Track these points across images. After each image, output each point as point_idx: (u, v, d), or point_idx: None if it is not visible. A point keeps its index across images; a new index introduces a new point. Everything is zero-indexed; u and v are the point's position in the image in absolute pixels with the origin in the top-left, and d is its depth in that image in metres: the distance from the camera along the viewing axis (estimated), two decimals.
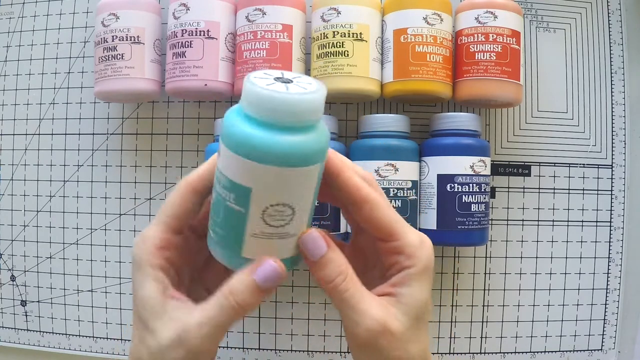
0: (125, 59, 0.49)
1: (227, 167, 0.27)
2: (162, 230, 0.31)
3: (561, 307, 0.55)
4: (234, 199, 0.28)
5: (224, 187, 0.28)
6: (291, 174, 0.27)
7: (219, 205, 0.29)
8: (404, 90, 0.48)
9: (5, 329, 0.57)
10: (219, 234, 0.30)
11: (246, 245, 0.29)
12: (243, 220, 0.28)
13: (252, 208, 0.27)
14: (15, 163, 0.57)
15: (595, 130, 0.55)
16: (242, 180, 0.27)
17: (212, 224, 0.30)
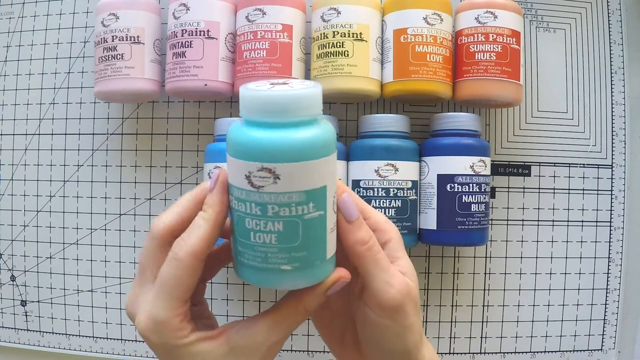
0: (125, 59, 0.49)
1: (298, 182, 0.26)
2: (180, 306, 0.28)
3: (561, 307, 0.55)
4: (314, 207, 0.27)
5: (297, 205, 0.26)
6: (335, 156, 0.28)
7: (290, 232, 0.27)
8: (404, 90, 0.48)
9: (5, 329, 0.57)
10: (301, 258, 0.27)
11: (328, 245, 0.29)
12: (324, 223, 0.28)
13: (328, 205, 0.28)
14: (15, 163, 0.57)
15: (595, 130, 0.55)
16: (317, 182, 0.27)
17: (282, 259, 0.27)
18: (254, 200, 0.26)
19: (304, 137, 0.26)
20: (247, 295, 0.55)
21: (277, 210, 0.26)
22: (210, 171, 0.49)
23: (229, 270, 0.55)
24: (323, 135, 0.27)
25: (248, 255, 0.28)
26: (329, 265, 0.29)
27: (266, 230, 0.27)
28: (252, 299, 0.55)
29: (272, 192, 0.26)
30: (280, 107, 0.26)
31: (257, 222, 0.27)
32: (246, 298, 0.55)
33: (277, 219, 0.26)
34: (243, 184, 0.26)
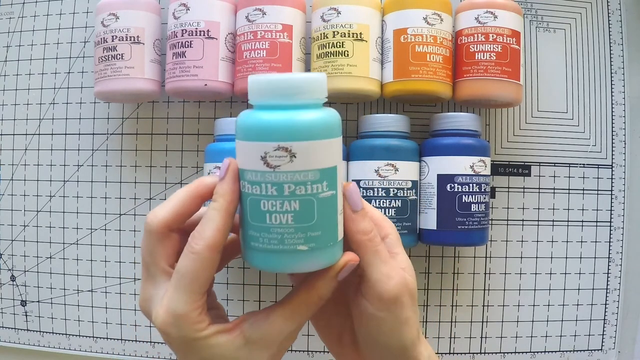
0: (125, 59, 0.49)
1: (313, 160, 0.27)
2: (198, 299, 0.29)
3: (561, 307, 0.55)
4: (327, 186, 0.28)
5: (312, 183, 0.27)
6: (341, 140, 0.30)
7: (306, 211, 0.28)
8: (404, 90, 0.48)
9: (5, 329, 0.57)
10: (316, 238, 0.28)
11: (339, 227, 0.30)
12: (335, 202, 0.29)
13: (338, 186, 0.29)
14: (15, 163, 0.57)
15: (595, 130, 0.55)
16: (329, 161, 0.28)
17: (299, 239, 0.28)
18: (270, 181, 0.27)
19: (316, 117, 0.28)
20: (247, 295, 0.55)
21: (293, 189, 0.27)
22: (210, 171, 0.49)
23: (228, 270, 0.55)
24: (332, 117, 0.29)
25: (263, 239, 0.28)
26: (339, 248, 0.30)
27: (282, 210, 0.27)
28: (252, 299, 0.55)
29: (288, 170, 0.27)
30: (292, 89, 0.27)
31: (273, 202, 0.27)
32: (246, 298, 0.55)
33: (294, 198, 0.27)
34: (258, 166, 0.27)
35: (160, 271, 0.30)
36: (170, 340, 0.29)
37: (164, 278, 0.30)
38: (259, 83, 0.28)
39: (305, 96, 0.28)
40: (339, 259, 0.30)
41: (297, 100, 0.28)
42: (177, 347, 0.30)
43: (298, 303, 0.30)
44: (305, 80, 0.28)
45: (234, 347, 0.29)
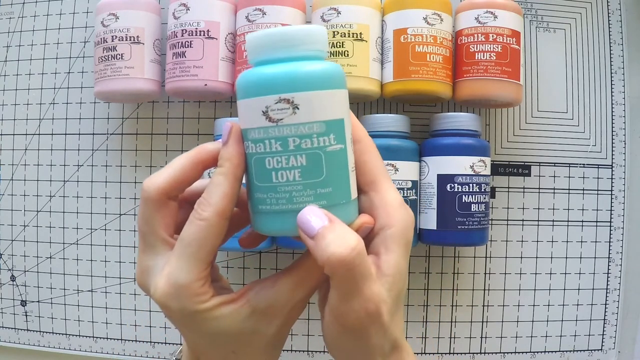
0: (125, 59, 0.49)
1: (317, 111, 0.26)
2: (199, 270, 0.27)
3: (561, 307, 0.55)
4: (335, 139, 0.27)
5: (318, 135, 0.26)
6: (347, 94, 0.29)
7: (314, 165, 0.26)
8: (404, 90, 0.48)
9: (5, 329, 0.57)
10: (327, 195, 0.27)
11: (351, 184, 0.28)
12: (345, 157, 0.27)
13: (347, 140, 0.28)
14: (15, 163, 0.57)
15: (595, 130, 0.55)
16: (335, 113, 0.27)
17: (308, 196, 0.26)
18: (274, 136, 0.26)
19: (317, 67, 0.27)
20: None
21: (298, 142, 0.26)
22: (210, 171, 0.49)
23: (228, 270, 0.55)
24: (334, 69, 0.28)
25: (270, 200, 0.27)
26: (352, 207, 0.28)
27: (289, 166, 0.26)
28: None
29: (291, 123, 0.26)
30: (291, 41, 0.27)
31: (278, 159, 0.26)
32: None
33: (300, 152, 0.26)
34: (260, 122, 0.26)
35: (159, 240, 0.29)
36: (171, 314, 0.27)
37: (164, 248, 0.29)
38: (257, 39, 0.27)
39: (305, 47, 0.27)
40: (354, 219, 0.28)
41: (297, 52, 0.27)
42: (179, 321, 0.28)
43: (307, 268, 0.28)
44: (304, 31, 0.27)
45: (240, 318, 0.27)
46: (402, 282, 0.28)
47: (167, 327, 0.55)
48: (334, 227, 0.26)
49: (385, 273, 0.27)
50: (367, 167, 0.29)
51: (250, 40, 0.27)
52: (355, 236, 0.26)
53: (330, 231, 0.25)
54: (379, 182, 0.29)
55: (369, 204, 0.29)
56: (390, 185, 0.29)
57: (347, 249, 0.25)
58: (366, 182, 0.29)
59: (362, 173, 0.29)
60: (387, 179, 0.29)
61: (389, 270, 0.27)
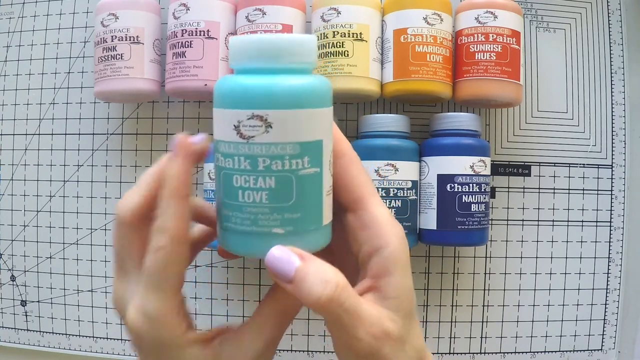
0: (125, 59, 0.49)
1: (292, 132, 0.24)
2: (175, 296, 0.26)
3: (561, 307, 0.55)
4: (309, 162, 0.25)
5: (291, 158, 0.24)
6: (332, 113, 0.26)
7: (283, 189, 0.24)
8: (404, 90, 0.48)
9: (5, 329, 0.57)
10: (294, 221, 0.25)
11: (324, 209, 0.26)
12: (319, 182, 0.25)
13: (324, 163, 0.26)
14: (15, 163, 0.57)
15: (595, 130, 0.55)
16: (312, 135, 0.25)
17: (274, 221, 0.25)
18: (243, 154, 0.24)
19: (298, 83, 0.25)
20: (247, 295, 0.55)
21: (268, 163, 0.24)
22: (210, 171, 0.49)
23: (228, 270, 0.55)
24: (318, 85, 0.25)
25: (235, 219, 0.25)
26: (324, 233, 0.26)
27: (256, 187, 0.24)
28: (252, 299, 0.55)
29: (263, 142, 0.24)
30: (273, 51, 0.25)
31: (246, 178, 0.24)
32: (246, 298, 0.55)
33: (269, 174, 0.24)
34: (231, 136, 0.24)
35: (133, 266, 0.27)
36: (142, 344, 0.26)
37: (138, 273, 0.27)
38: (240, 43, 0.25)
39: (289, 59, 0.25)
40: (325, 244, 0.27)
41: (279, 64, 0.25)
42: (147, 353, 0.26)
43: (265, 316, 0.27)
44: (288, 41, 0.25)
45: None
46: (409, 299, 0.27)
47: None
48: (309, 266, 0.24)
49: (389, 295, 0.26)
50: (353, 183, 0.28)
51: (233, 44, 0.25)
52: (332, 270, 0.25)
53: (307, 272, 0.24)
54: (366, 199, 0.27)
55: (359, 222, 0.27)
56: (378, 201, 0.28)
57: (332, 287, 0.24)
58: (353, 200, 0.28)
59: (348, 190, 0.28)
60: (374, 194, 0.28)
61: (393, 292, 0.26)
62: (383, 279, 0.26)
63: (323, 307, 0.24)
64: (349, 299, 0.25)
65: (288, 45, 0.25)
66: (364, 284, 0.27)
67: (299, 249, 0.25)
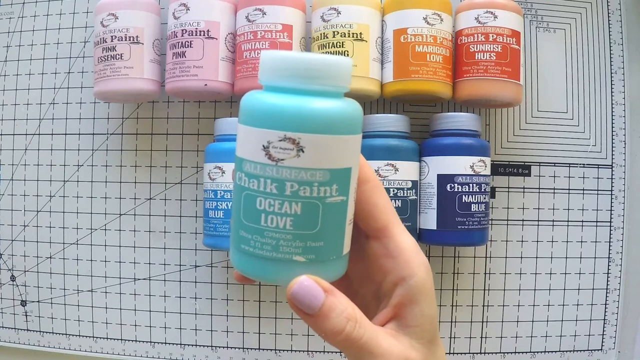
0: (124, 59, 0.49)
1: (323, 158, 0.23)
2: None
3: (561, 307, 0.55)
4: (337, 190, 0.24)
5: (320, 185, 0.23)
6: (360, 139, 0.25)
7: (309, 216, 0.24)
8: (404, 90, 0.48)
9: (5, 329, 0.57)
10: (316, 249, 0.24)
11: (345, 239, 0.25)
12: (344, 210, 0.25)
13: (350, 191, 0.25)
14: (15, 163, 0.57)
15: (595, 130, 0.55)
16: (343, 162, 0.24)
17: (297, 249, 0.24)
18: (271, 176, 0.23)
19: (335, 107, 0.24)
20: (247, 295, 0.55)
21: (296, 189, 0.23)
22: (210, 171, 0.49)
23: (228, 270, 0.55)
24: (353, 110, 0.24)
25: (254, 243, 0.24)
26: (342, 263, 0.26)
27: (281, 212, 0.24)
28: (252, 299, 0.55)
29: (293, 166, 0.23)
30: (310, 72, 0.24)
31: (271, 202, 0.24)
32: (246, 298, 0.55)
33: (296, 200, 0.23)
34: (259, 157, 0.23)
35: None
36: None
37: None
38: (272, 60, 0.24)
39: (325, 82, 0.24)
40: (341, 274, 0.26)
41: (314, 86, 0.24)
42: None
43: None
44: (325, 62, 0.24)
45: None
46: (432, 326, 0.27)
47: (167, 327, 0.55)
48: (334, 301, 0.25)
49: (411, 324, 0.26)
50: (377, 210, 0.27)
51: (265, 59, 0.24)
52: (351, 306, 0.25)
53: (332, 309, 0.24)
54: (391, 227, 0.27)
55: (383, 251, 0.27)
56: (402, 229, 0.27)
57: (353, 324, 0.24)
58: (378, 228, 0.27)
59: (373, 217, 0.27)
60: (398, 222, 0.27)
61: (416, 321, 0.26)
62: (407, 308, 0.26)
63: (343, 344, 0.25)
64: (367, 332, 0.25)
65: (324, 66, 0.24)
66: (386, 313, 0.27)
67: (324, 281, 0.25)
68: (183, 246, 0.55)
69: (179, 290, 0.55)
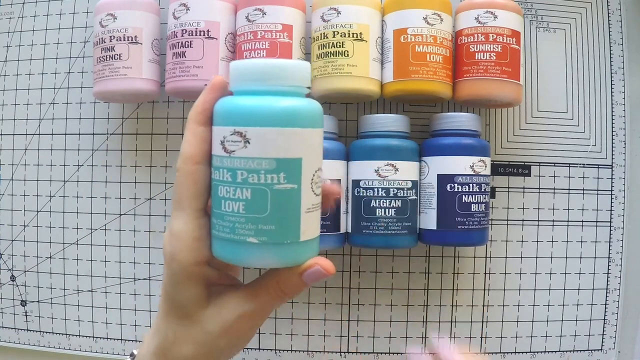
0: (123, 59, 0.49)
1: (268, 148, 0.26)
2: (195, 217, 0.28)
3: (561, 307, 0.55)
4: (285, 178, 0.26)
5: (266, 172, 0.26)
6: (320, 134, 0.28)
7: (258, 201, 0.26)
8: (404, 90, 0.48)
9: (5, 329, 0.57)
10: (269, 232, 0.27)
11: (302, 225, 0.28)
12: (297, 198, 0.27)
13: (303, 180, 0.27)
14: (15, 163, 0.57)
15: (595, 130, 0.55)
16: (291, 153, 0.26)
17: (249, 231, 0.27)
18: (226, 166, 0.27)
19: (281, 104, 0.27)
20: None
21: (245, 176, 0.26)
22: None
23: None
24: (301, 107, 0.27)
25: (219, 227, 0.28)
26: (304, 248, 0.28)
27: (235, 197, 0.27)
28: None
29: (242, 156, 0.26)
30: (257, 75, 0.27)
31: (227, 189, 0.27)
32: None
33: (245, 186, 0.26)
34: (218, 150, 0.27)
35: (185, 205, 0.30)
36: (165, 263, 0.29)
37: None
38: (233, 68, 0.28)
39: (277, 82, 0.27)
40: (304, 261, 0.28)
41: (263, 86, 0.27)
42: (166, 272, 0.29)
43: (260, 289, 0.29)
44: (279, 65, 0.27)
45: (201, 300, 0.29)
46: None
47: None
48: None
49: None
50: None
51: (231, 68, 0.28)
52: None
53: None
54: None
55: None
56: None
57: None
58: None
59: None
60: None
61: None
62: None
63: None
64: None
65: (277, 69, 0.27)
66: None
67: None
68: None
69: None
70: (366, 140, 0.49)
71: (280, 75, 0.27)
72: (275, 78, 0.27)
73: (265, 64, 0.28)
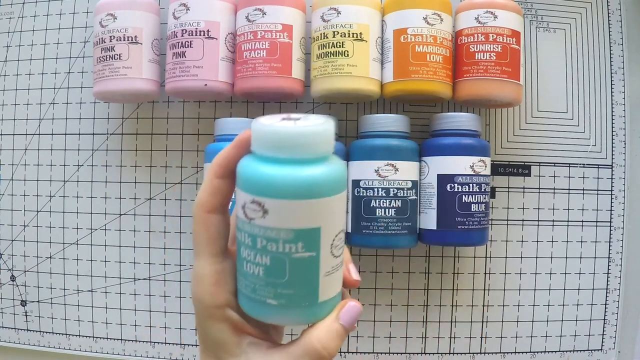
0: (123, 59, 0.49)
1: (286, 219, 0.26)
2: (212, 263, 0.29)
3: (561, 307, 0.55)
4: (303, 247, 0.26)
5: (285, 242, 0.26)
6: (342, 198, 0.27)
7: (277, 268, 0.27)
8: (404, 90, 0.48)
9: (5, 329, 0.57)
10: (287, 296, 0.27)
11: (321, 288, 0.28)
12: (316, 264, 0.27)
13: (322, 247, 0.27)
14: (15, 163, 0.57)
15: (595, 130, 0.55)
16: (309, 223, 0.26)
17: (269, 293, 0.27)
18: (247, 231, 0.27)
19: (300, 175, 0.25)
20: None
21: (265, 244, 0.26)
22: None
23: None
24: (323, 176, 0.26)
25: (241, 283, 0.28)
26: (319, 309, 0.28)
27: (255, 261, 0.27)
28: None
29: (261, 225, 0.26)
30: (280, 142, 0.25)
31: (248, 252, 0.27)
32: None
33: (265, 253, 0.27)
34: (241, 214, 0.27)
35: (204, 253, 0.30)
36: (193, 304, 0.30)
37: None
38: (256, 129, 0.26)
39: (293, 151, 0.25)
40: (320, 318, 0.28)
41: (283, 154, 0.25)
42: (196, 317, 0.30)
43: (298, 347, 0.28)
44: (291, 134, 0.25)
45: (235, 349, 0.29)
46: None
47: (167, 327, 0.55)
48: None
49: None
50: None
51: (253, 129, 0.27)
52: None
53: None
54: None
55: None
56: None
57: None
58: None
59: None
60: None
61: None
62: None
63: None
64: None
65: (292, 137, 0.25)
66: None
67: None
68: (183, 246, 0.55)
69: (179, 290, 0.55)
70: (366, 140, 0.49)
71: (302, 143, 0.25)
72: (297, 146, 0.25)
73: (287, 133, 0.25)
